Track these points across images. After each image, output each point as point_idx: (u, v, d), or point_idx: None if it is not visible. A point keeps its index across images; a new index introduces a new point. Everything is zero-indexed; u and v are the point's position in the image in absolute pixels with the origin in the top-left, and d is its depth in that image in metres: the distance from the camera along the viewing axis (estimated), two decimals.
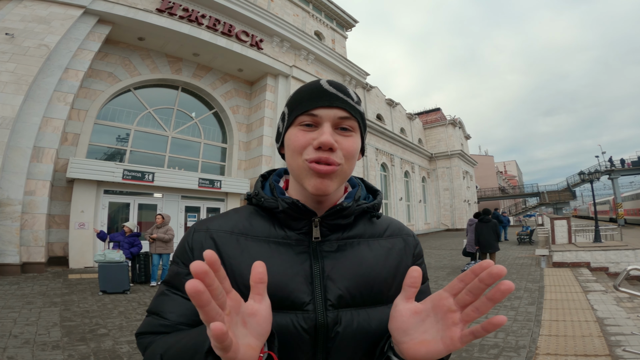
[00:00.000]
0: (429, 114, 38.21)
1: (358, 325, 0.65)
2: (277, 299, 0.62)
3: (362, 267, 0.69)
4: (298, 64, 15.85)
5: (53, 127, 8.98)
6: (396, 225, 0.81)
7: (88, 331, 4.37)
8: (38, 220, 8.49)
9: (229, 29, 13.08)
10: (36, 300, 5.79)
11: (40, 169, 8.65)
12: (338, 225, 0.71)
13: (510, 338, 4.08)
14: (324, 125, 0.66)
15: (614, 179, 31.70)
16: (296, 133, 0.67)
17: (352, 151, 0.68)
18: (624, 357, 3.08)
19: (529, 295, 6.26)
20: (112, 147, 11.74)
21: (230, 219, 0.73)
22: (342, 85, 0.70)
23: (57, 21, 9.40)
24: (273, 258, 0.66)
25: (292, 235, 0.70)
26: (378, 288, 0.69)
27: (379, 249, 0.73)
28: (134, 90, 12.32)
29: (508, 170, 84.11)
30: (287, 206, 0.68)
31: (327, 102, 0.66)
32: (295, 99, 0.70)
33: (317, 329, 0.63)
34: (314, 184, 0.65)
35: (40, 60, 8.72)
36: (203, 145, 14.18)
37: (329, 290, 0.65)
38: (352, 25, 21.03)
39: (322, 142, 0.63)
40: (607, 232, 12.72)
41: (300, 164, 0.66)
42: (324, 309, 0.64)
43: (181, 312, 0.66)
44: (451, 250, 14.66)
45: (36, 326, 4.43)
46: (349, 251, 0.71)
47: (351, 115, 0.68)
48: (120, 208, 11.18)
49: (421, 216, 29.47)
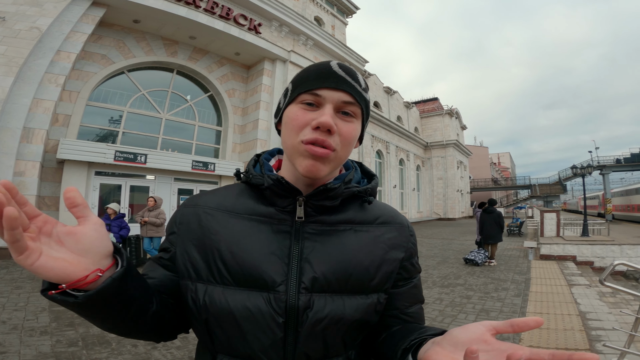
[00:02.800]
0: (427, 103, 38.10)
1: (330, 312, 0.63)
2: (251, 277, 0.63)
3: (343, 253, 0.67)
4: (296, 49, 15.61)
5: (44, 108, 8.82)
6: (390, 212, 0.77)
7: (77, 316, 4.29)
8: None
9: (227, 12, 12.78)
10: (25, 284, 5.72)
11: (30, 149, 8.53)
12: (324, 206, 0.69)
13: None
14: (325, 106, 0.64)
15: (605, 175, 32.11)
16: (296, 111, 0.66)
17: (350, 137, 0.66)
18: (604, 352, 3.19)
19: (515, 287, 6.40)
20: (104, 129, 11.57)
21: (219, 195, 0.74)
22: (351, 70, 0.68)
23: (49, 4, 9.15)
24: (252, 236, 0.66)
25: (275, 214, 0.69)
26: (357, 276, 0.66)
27: (366, 236, 0.71)
28: (128, 72, 12.06)
29: (502, 162, 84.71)
30: (272, 182, 0.67)
31: (334, 84, 0.65)
32: (301, 76, 0.68)
33: (287, 311, 0.62)
34: (306, 165, 0.64)
35: (32, 43, 8.52)
36: (197, 128, 14.02)
37: (304, 272, 0.64)
38: (353, 11, 20.67)
39: (322, 122, 0.62)
40: (595, 227, 12.94)
41: (295, 143, 0.65)
42: (296, 292, 0.63)
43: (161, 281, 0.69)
44: (442, 240, 14.84)
45: (24, 311, 4.39)
46: (333, 236, 0.69)
47: (355, 101, 0.66)
48: (112, 190, 11.09)
49: (414, 204, 29.70)
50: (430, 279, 7.13)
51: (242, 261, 0.64)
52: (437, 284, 6.75)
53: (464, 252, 10.42)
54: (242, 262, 0.63)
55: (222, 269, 0.64)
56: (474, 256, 8.64)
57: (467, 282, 6.89)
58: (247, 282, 0.63)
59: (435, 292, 6.06)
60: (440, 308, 5.16)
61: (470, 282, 6.83)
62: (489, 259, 8.73)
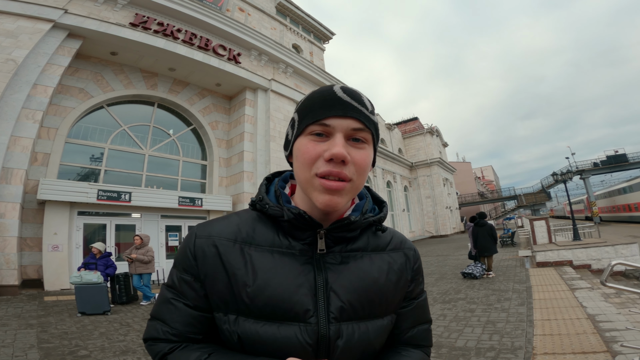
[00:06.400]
0: (407, 124, 38.91)
1: (359, 339, 0.65)
2: (282, 310, 0.63)
3: (364, 280, 0.68)
4: (277, 77, 15.82)
5: (22, 146, 8.54)
6: (399, 238, 0.80)
7: (68, 353, 4.15)
8: (9, 243, 8.01)
9: (206, 43, 12.94)
10: (11, 322, 5.51)
11: (10, 190, 8.20)
12: (343, 237, 0.70)
13: (506, 340, 4.01)
14: (336, 136, 0.62)
15: (586, 179, 32.91)
16: (306, 144, 0.64)
17: (364, 165, 0.65)
18: (623, 352, 3.04)
19: (517, 296, 6.27)
20: (85, 167, 11.24)
21: (232, 224, 0.71)
22: (356, 93, 0.66)
23: (25, 35, 9.05)
24: (277, 269, 0.65)
25: (296, 245, 0.69)
26: (378, 302, 0.69)
27: (380, 262, 0.72)
28: (107, 106, 11.89)
29: (485, 176, 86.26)
30: (293, 217, 0.66)
31: (341, 112, 0.63)
32: (307, 105, 0.66)
33: (319, 341, 0.62)
34: (323, 200, 0.62)
35: (8, 76, 8.34)
36: (182, 163, 13.77)
37: (332, 302, 0.65)
38: (329, 37, 21.31)
39: (335, 154, 0.60)
40: (585, 230, 13.05)
41: (310, 178, 0.63)
42: (326, 322, 0.63)
43: (187, 322, 0.66)
44: (437, 257, 14.70)
45: (12, 348, 4.23)
46: (351, 264, 0.70)
47: (365, 127, 0.65)
48: (97, 229, 10.69)
49: (405, 225, 29.66)
50: (430, 296, 6.94)
51: (272, 296, 0.63)
52: (438, 300, 6.56)
53: (460, 267, 10.30)
54: (272, 296, 0.63)
55: (251, 304, 0.63)
56: (472, 269, 8.53)
57: (469, 295, 6.73)
58: (276, 315, 0.63)
59: (437, 309, 5.87)
60: (445, 324, 4.96)
61: (472, 296, 6.67)
62: (487, 271, 8.64)
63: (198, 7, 12.55)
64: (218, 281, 0.65)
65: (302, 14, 19.23)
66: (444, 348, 3.93)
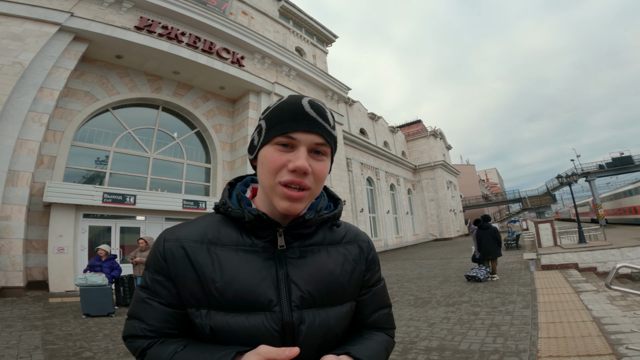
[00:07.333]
0: (411, 126, 38.83)
1: (320, 324, 0.72)
2: (249, 302, 0.69)
3: (321, 272, 0.76)
4: (280, 80, 15.89)
5: (28, 149, 8.64)
6: (353, 232, 0.87)
7: (72, 354, 4.18)
8: (15, 246, 8.08)
9: (210, 46, 13.04)
10: (16, 323, 5.57)
11: (16, 193, 8.28)
12: (301, 234, 0.77)
13: (510, 342, 3.99)
14: (300, 149, 0.69)
15: (591, 181, 32.62)
16: (272, 153, 0.70)
17: (323, 175, 0.73)
18: (628, 355, 3.02)
19: (522, 299, 6.22)
20: (90, 170, 11.34)
21: (199, 227, 0.76)
22: (322, 108, 0.73)
23: (31, 38, 9.15)
24: (242, 265, 0.72)
25: (258, 243, 0.75)
26: (335, 291, 0.76)
27: (336, 255, 0.80)
28: (113, 110, 12.00)
29: (489, 178, 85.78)
30: (253, 218, 0.73)
31: (307, 127, 0.70)
32: (275, 115, 0.72)
33: (284, 327, 0.70)
34: (284, 206, 0.70)
35: (14, 79, 8.43)
36: (186, 166, 13.85)
37: (293, 292, 0.72)
38: (332, 40, 21.39)
39: (298, 166, 0.67)
40: (591, 233, 12.93)
41: (273, 184, 0.70)
42: (289, 310, 0.70)
43: (163, 318, 0.72)
44: (441, 260, 14.63)
45: (17, 349, 4.26)
46: (309, 257, 0.77)
47: (326, 142, 0.72)
48: (102, 232, 10.77)
49: (409, 228, 29.54)
50: (434, 299, 6.90)
51: (238, 289, 0.69)
52: (441, 303, 6.53)
53: (464, 270, 10.24)
54: (239, 290, 0.69)
55: (221, 298, 0.69)
56: (476, 272, 8.48)
57: (472, 298, 6.69)
58: (244, 306, 0.69)
59: (441, 312, 5.84)
60: (449, 327, 4.93)
61: (476, 299, 6.63)
62: (491, 274, 8.58)
63: (202, 10, 12.66)
64: (188, 279, 0.71)
65: (305, 17, 19.32)
66: (447, 351, 3.91)
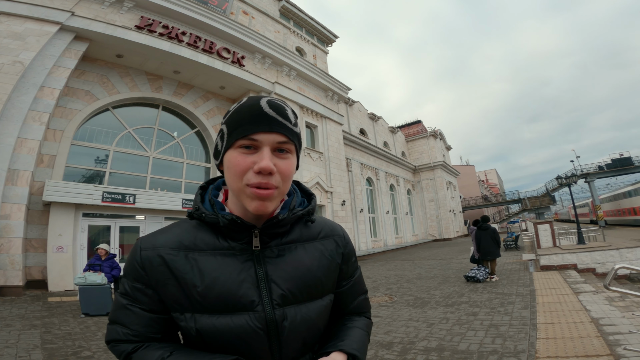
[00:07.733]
0: (411, 127, 38.83)
1: (302, 318, 0.75)
2: (231, 303, 0.71)
3: (299, 269, 0.78)
4: (280, 80, 15.89)
5: (28, 148, 8.63)
6: (329, 227, 0.89)
7: (71, 353, 4.19)
8: (14, 244, 8.08)
9: (210, 46, 13.04)
10: (15, 322, 5.56)
11: (16, 192, 8.27)
12: (276, 233, 0.78)
13: (508, 343, 4.00)
14: (263, 149, 0.70)
15: (590, 182, 32.65)
16: (236, 156, 0.71)
17: (288, 173, 0.74)
18: (626, 356, 3.03)
19: (521, 299, 6.23)
20: (90, 169, 11.33)
21: (174, 234, 0.77)
22: (281, 107, 0.73)
23: (32, 37, 9.15)
24: (221, 268, 0.73)
25: (235, 245, 0.76)
26: (314, 286, 0.79)
27: (313, 251, 0.82)
28: (113, 109, 12.01)
29: (489, 179, 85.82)
30: (228, 222, 0.73)
31: (267, 128, 0.70)
32: (235, 119, 0.72)
33: (268, 325, 0.72)
34: (255, 206, 0.70)
35: (15, 78, 8.43)
36: (186, 166, 13.85)
37: (273, 291, 0.74)
38: (332, 40, 21.38)
39: (262, 167, 0.68)
40: (590, 234, 12.95)
41: (241, 187, 0.71)
42: (271, 308, 0.72)
43: (146, 323, 0.73)
44: (441, 260, 14.63)
45: (16, 348, 4.26)
46: (287, 255, 0.78)
47: (289, 139, 0.73)
48: (101, 231, 10.75)
49: (409, 228, 29.54)
50: (433, 299, 6.91)
51: (220, 292, 0.71)
52: (440, 303, 6.53)
53: (463, 271, 10.24)
54: (220, 293, 0.71)
55: (204, 302, 0.71)
56: (475, 273, 8.48)
57: (472, 299, 6.69)
58: (227, 308, 0.71)
59: (440, 312, 5.84)
60: (448, 327, 4.94)
61: (475, 299, 6.64)
62: (490, 275, 8.59)
63: (202, 10, 12.66)
64: (169, 286, 0.72)
65: (306, 17, 19.32)
66: (446, 351, 3.92)
